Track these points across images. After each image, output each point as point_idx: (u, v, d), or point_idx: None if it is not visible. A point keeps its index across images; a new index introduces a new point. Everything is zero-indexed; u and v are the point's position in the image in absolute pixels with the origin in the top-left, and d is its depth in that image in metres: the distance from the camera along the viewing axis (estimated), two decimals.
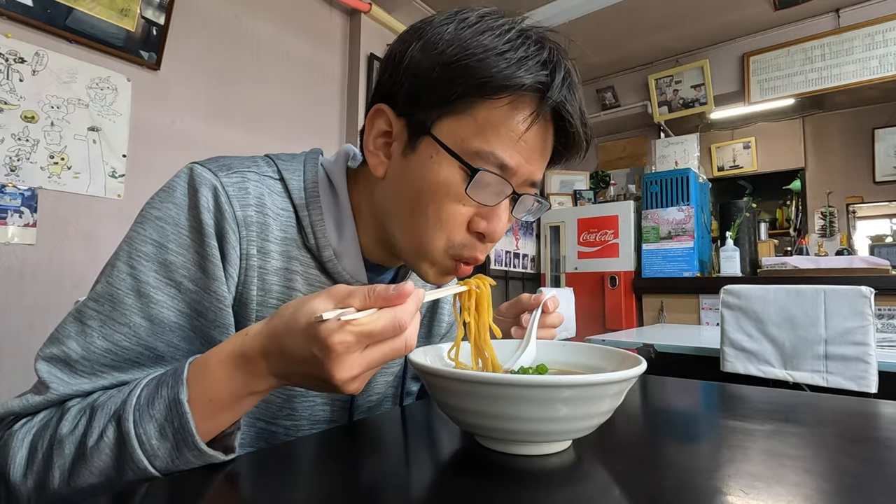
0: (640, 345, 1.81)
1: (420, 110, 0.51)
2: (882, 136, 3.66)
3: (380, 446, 0.51)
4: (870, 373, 1.38)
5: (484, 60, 0.47)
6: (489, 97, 0.48)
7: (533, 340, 0.60)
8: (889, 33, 2.89)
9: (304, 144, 2.45)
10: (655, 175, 3.30)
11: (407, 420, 0.60)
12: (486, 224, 0.52)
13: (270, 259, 0.54)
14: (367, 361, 0.39)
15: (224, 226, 0.50)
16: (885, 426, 0.58)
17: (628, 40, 3.39)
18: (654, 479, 0.40)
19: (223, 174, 0.52)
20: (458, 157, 0.49)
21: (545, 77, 0.48)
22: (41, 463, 0.42)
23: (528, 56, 0.48)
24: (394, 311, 0.39)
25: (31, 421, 0.45)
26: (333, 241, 0.57)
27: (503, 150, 0.49)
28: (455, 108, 0.49)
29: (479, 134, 0.49)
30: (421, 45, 0.50)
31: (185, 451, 0.40)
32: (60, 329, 0.48)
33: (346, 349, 0.37)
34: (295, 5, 2.44)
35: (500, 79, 0.47)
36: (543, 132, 0.51)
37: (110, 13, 1.73)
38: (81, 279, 1.68)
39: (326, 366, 0.38)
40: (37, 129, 1.58)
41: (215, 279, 0.50)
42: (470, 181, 0.49)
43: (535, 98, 0.49)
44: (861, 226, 3.92)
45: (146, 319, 0.48)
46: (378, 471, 0.43)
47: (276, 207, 0.55)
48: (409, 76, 0.50)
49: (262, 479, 0.40)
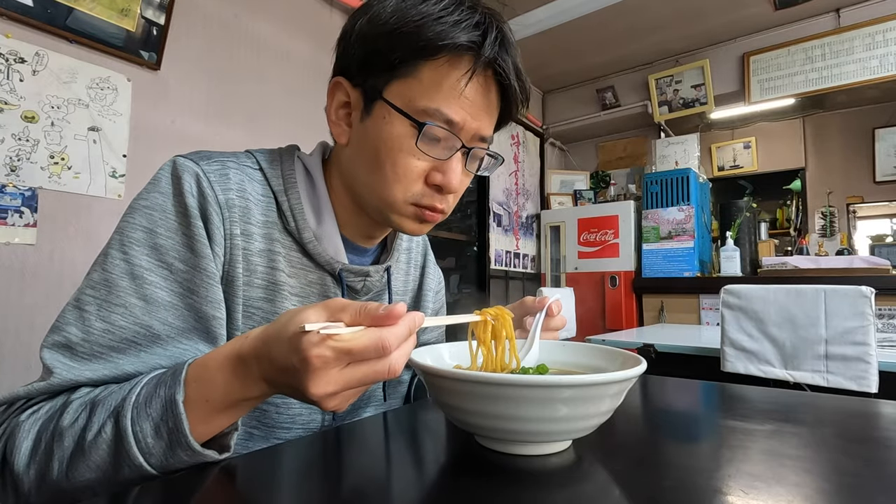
0: (641, 345, 1.81)
1: (371, 77, 0.55)
2: (882, 136, 3.66)
3: (380, 446, 0.51)
4: (870, 373, 1.38)
5: (422, 26, 0.52)
6: (429, 58, 0.53)
7: (536, 343, 0.59)
8: (889, 33, 2.88)
9: (303, 144, 2.44)
10: (655, 175, 3.30)
11: (407, 420, 0.60)
12: (442, 177, 0.56)
13: (253, 241, 0.57)
14: (345, 380, 0.38)
15: (207, 208, 0.54)
16: (885, 426, 0.58)
17: (628, 40, 3.39)
18: (654, 479, 0.40)
19: (204, 162, 0.56)
20: (407, 114, 0.53)
21: (477, 37, 0.53)
22: (43, 454, 0.43)
23: (462, 20, 0.53)
24: (380, 331, 0.38)
25: (37, 412, 0.45)
26: (312, 224, 0.60)
27: (447, 106, 0.53)
28: (401, 72, 0.54)
29: (424, 93, 0.53)
30: (367, 19, 0.55)
31: (178, 451, 0.41)
32: (60, 318, 0.50)
33: (324, 364, 0.37)
34: (295, 5, 2.44)
35: (437, 39, 0.52)
36: (485, 89, 0.56)
37: (110, 13, 1.72)
38: (81, 279, 1.68)
39: (303, 378, 0.37)
40: (37, 129, 1.58)
41: (204, 257, 0.53)
42: (419, 135, 0.53)
43: (471, 56, 0.53)
44: (861, 226, 3.92)
45: (141, 299, 0.50)
46: (378, 471, 0.43)
47: (256, 193, 0.59)
48: (358, 47, 0.56)
49: (257, 480, 0.40)
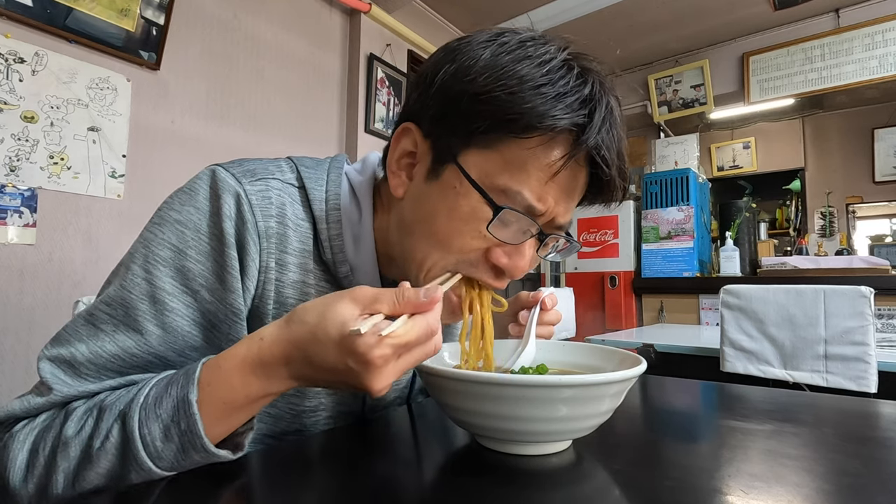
0: (640, 345, 1.81)
1: (447, 136, 0.48)
2: (882, 136, 3.66)
3: (380, 446, 0.51)
4: (869, 373, 1.38)
5: (516, 94, 0.44)
6: (518, 135, 0.45)
7: (532, 338, 0.60)
8: (889, 33, 2.89)
9: (303, 144, 2.45)
10: (655, 175, 3.30)
11: (407, 420, 0.60)
12: (508, 260, 0.50)
13: (288, 272, 0.53)
14: (401, 369, 0.40)
15: (245, 236, 0.49)
16: (885, 426, 0.58)
17: (628, 40, 3.39)
18: (654, 479, 0.40)
19: (247, 181, 0.51)
20: (484, 192, 0.46)
21: (582, 118, 0.45)
22: (43, 467, 0.40)
23: (568, 92, 0.44)
24: (426, 318, 0.40)
25: (32, 422, 0.43)
26: (351, 255, 0.55)
27: (530, 190, 0.46)
28: (482, 141, 0.47)
29: (506, 170, 0.46)
30: (454, 69, 0.47)
31: (191, 453, 0.40)
32: (69, 330, 0.46)
33: (385, 362, 0.38)
34: (295, 5, 2.44)
35: (532, 117, 0.43)
36: (576, 172, 0.48)
37: (110, 13, 1.72)
38: (82, 279, 1.68)
39: (364, 378, 0.38)
40: (37, 130, 1.58)
41: (233, 291, 0.48)
42: (493, 219, 0.46)
43: (569, 138, 0.46)
44: (861, 226, 3.93)
45: (159, 327, 0.46)
46: (378, 471, 0.43)
47: (296, 218, 0.54)
48: (438, 100, 0.48)
49: (263, 479, 0.41)
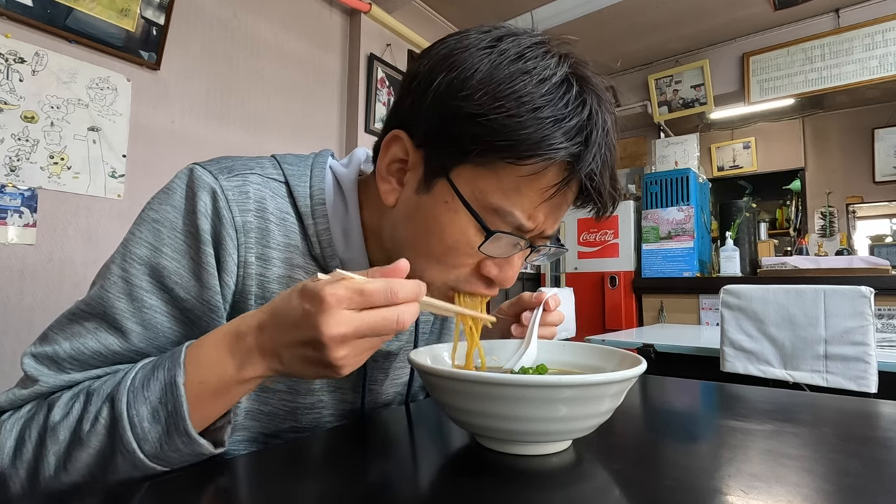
0: (640, 345, 1.81)
1: (440, 151, 0.48)
2: (882, 136, 3.66)
3: (380, 446, 0.51)
4: (869, 373, 1.38)
5: (513, 118, 0.43)
6: (513, 161, 0.44)
7: (534, 339, 0.60)
8: (889, 33, 2.89)
9: (303, 144, 2.45)
10: (655, 175, 3.30)
11: (406, 420, 0.60)
12: (499, 272, 0.51)
13: (272, 266, 0.52)
14: (356, 324, 0.37)
15: (222, 232, 0.49)
16: (885, 426, 0.58)
17: (628, 40, 3.39)
18: (654, 479, 0.40)
19: (223, 177, 0.51)
20: (475, 213, 0.47)
21: (577, 147, 0.45)
22: (32, 452, 0.42)
23: (566, 116, 0.44)
24: (389, 280, 0.39)
25: (17, 412, 0.45)
26: (341, 249, 0.55)
27: (522, 211, 0.47)
28: (476, 160, 0.46)
29: (499, 189, 0.46)
30: (449, 80, 0.45)
31: (174, 437, 0.40)
32: (54, 328, 0.47)
33: (338, 301, 0.37)
34: (295, 5, 2.44)
35: (528, 146, 0.43)
36: (566, 193, 0.48)
37: (110, 13, 1.72)
38: (82, 279, 1.68)
39: (316, 320, 0.37)
40: (37, 129, 1.58)
41: (209, 287, 0.49)
42: (485, 241, 0.47)
43: (563, 164, 0.46)
44: (861, 226, 3.93)
45: (139, 324, 0.47)
46: (378, 471, 0.43)
47: (279, 212, 0.53)
48: (432, 115, 0.47)
49: (260, 479, 0.40)
